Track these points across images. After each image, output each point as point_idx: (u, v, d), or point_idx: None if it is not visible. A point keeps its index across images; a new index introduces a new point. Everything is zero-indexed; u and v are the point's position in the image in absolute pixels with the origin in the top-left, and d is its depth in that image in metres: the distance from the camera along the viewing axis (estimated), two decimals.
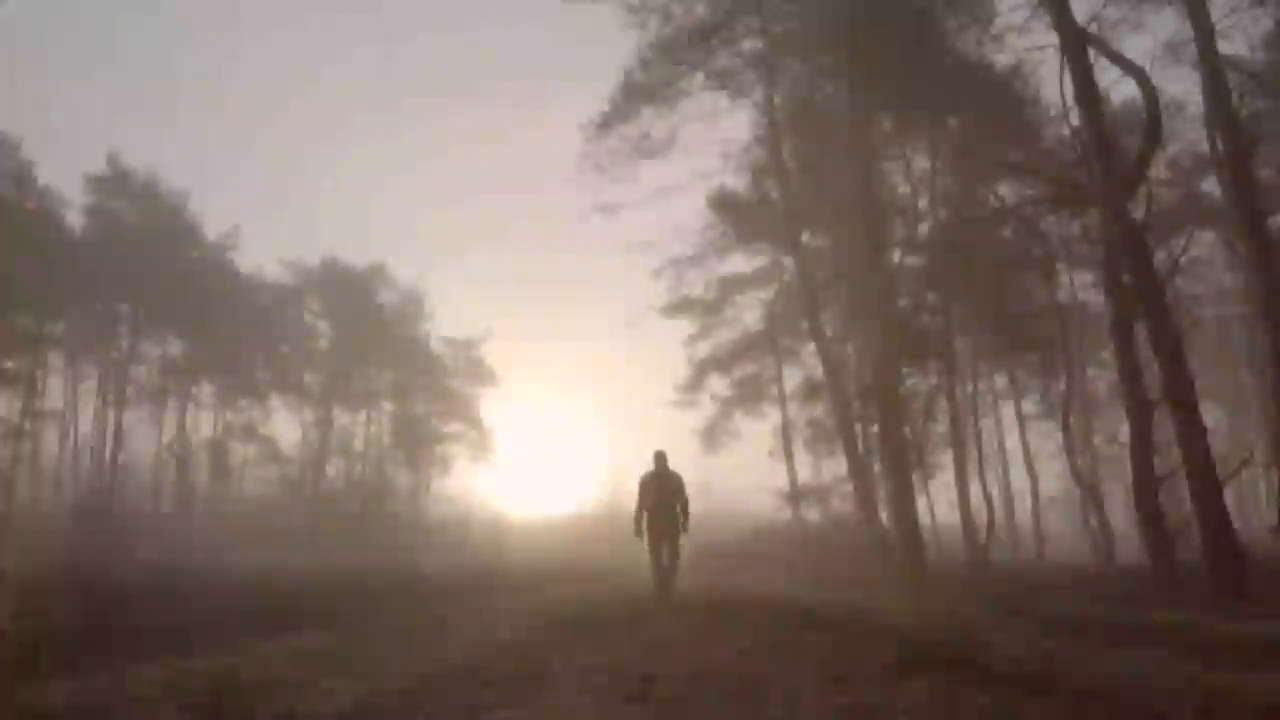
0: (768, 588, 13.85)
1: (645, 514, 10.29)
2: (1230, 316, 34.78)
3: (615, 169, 19.93)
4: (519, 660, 5.04)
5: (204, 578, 13.36)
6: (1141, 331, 11.92)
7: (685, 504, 10.33)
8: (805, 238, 20.60)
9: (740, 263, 27.44)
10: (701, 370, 27.40)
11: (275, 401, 39.51)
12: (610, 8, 19.36)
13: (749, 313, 28.16)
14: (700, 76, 19.79)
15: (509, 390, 48.54)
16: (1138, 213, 11.02)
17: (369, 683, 4.25)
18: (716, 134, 23.88)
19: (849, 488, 19.87)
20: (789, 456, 25.86)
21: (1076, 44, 10.72)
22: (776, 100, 19.52)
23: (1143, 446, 10.88)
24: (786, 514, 24.43)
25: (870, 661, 4.60)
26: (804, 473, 24.26)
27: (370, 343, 41.52)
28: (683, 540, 10.28)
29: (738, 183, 22.32)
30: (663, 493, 10.28)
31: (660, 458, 10.59)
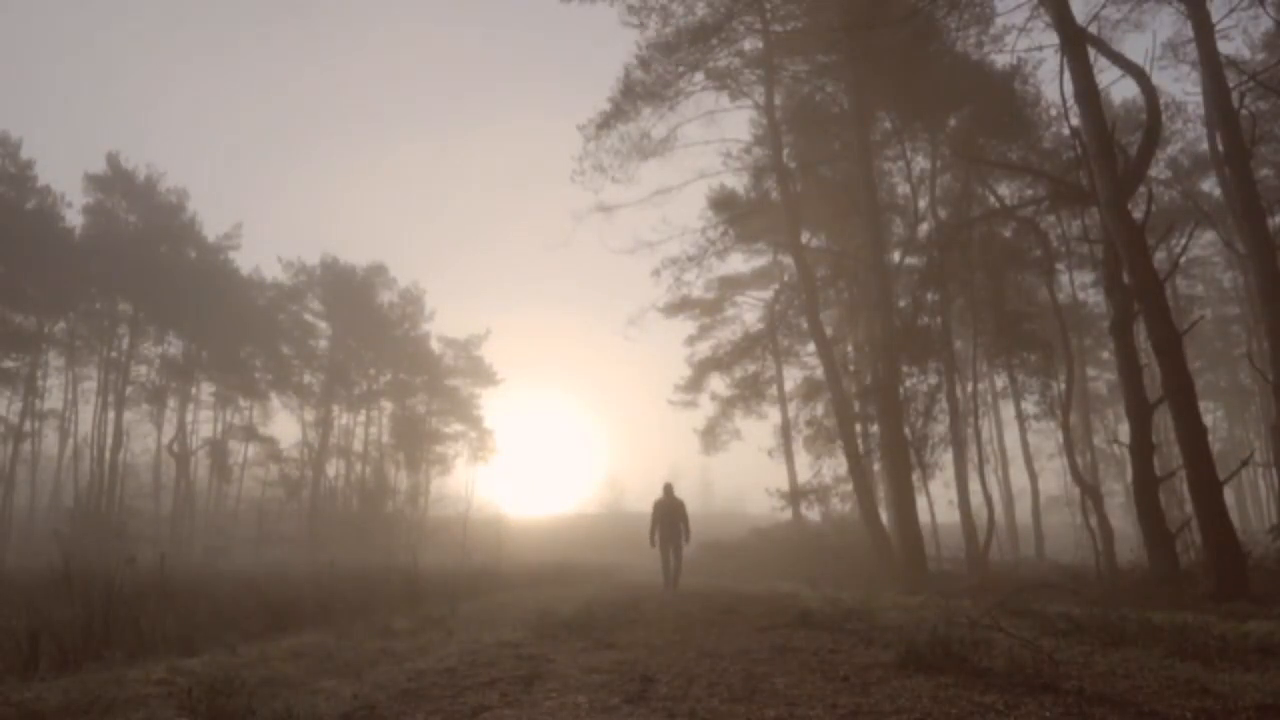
0: (768, 588, 13.87)
1: (657, 529, 13.90)
2: (1230, 316, 34.89)
3: (615, 169, 19.95)
4: (519, 660, 5.04)
5: (204, 578, 13.38)
6: (1141, 331, 11.92)
7: (687, 523, 14.03)
8: (805, 238, 20.59)
9: (740, 263, 27.55)
10: (701, 370, 27.43)
11: (275, 401, 39.57)
12: (610, 7, 19.37)
13: (749, 313, 28.24)
14: (700, 76, 19.82)
15: (509, 390, 48.63)
16: (1138, 213, 11.01)
17: (368, 682, 4.25)
18: (716, 134, 23.85)
19: (849, 488, 19.86)
20: (789, 456, 25.90)
21: (1076, 44, 10.70)
22: (776, 100, 19.51)
23: (1143, 446, 10.87)
24: (786, 514, 24.42)
25: (870, 661, 4.61)
26: (804, 473, 24.26)
27: (370, 343, 41.53)
28: (685, 548, 14.01)
29: (738, 183, 22.36)
30: (670, 513, 13.96)
31: (668, 488, 14.26)
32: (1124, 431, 13.59)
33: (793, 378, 26.67)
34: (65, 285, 31.76)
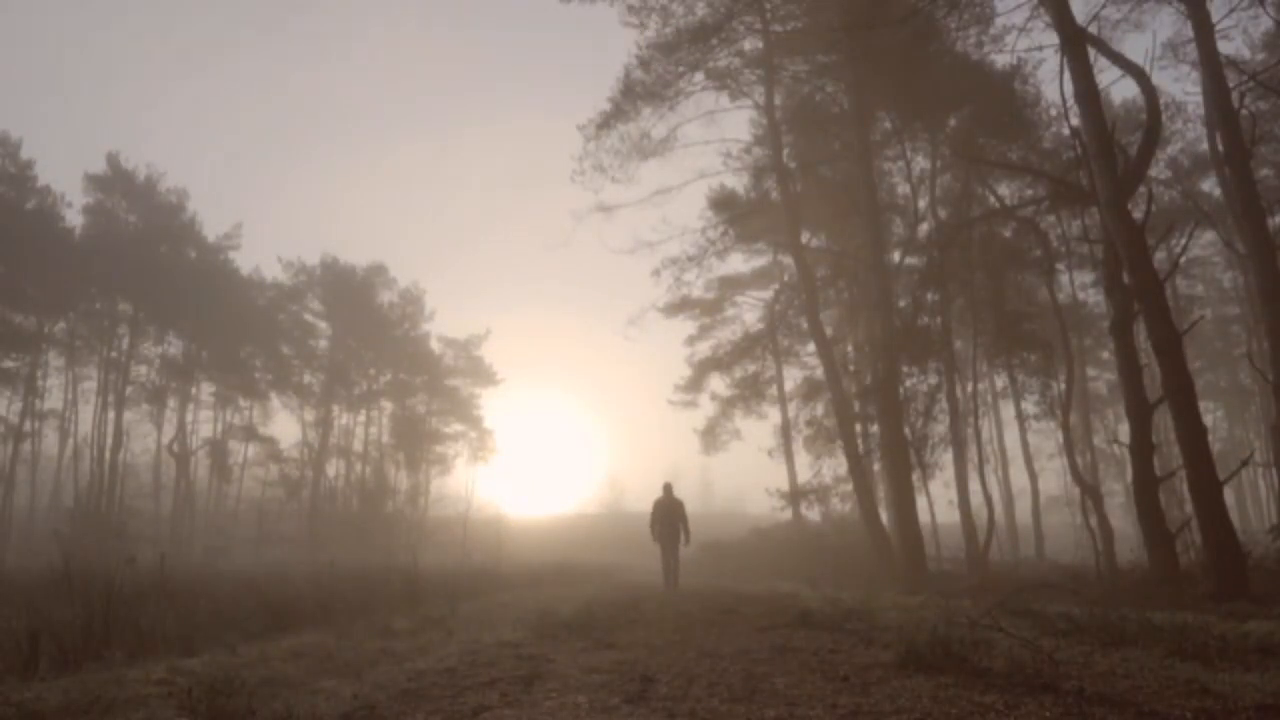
0: (768, 588, 13.87)
1: (657, 527, 14.35)
2: (1230, 316, 34.90)
3: (615, 169, 19.95)
4: (519, 660, 5.04)
5: (204, 578, 13.37)
6: (1141, 331, 11.92)
7: (686, 522, 14.37)
8: (805, 238, 20.59)
9: (740, 263, 27.56)
10: (701, 370, 27.42)
11: (275, 401, 39.55)
12: (610, 7, 19.38)
13: (749, 313, 28.25)
14: (700, 76, 19.82)
15: (509, 390, 48.60)
16: (1138, 213, 11.01)
17: (368, 682, 4.25)
18: (716, 134, 23.87)
19: (849, 488, 19.85)
20: (789, 456, 25.88)
21: (1076, 44, 10.70)
22: (776, 100, 19.51)
23: (1143, 446, 10.87)
24: (786, 514, 24.40)
25: (870, 661, 4.61)
26: (804, 473, 24.26)
27: (370, 343, 41.51)
28: (683, 549, 14.39)
29: (738, 183, 22.36)
30: (669, 513, 14.35)
31: (667, 488, 14.66)
32: (1124, 431, 13.59)
33: (793, 378, 26.70)
34: (65, 285, 31.74)
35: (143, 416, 36.17)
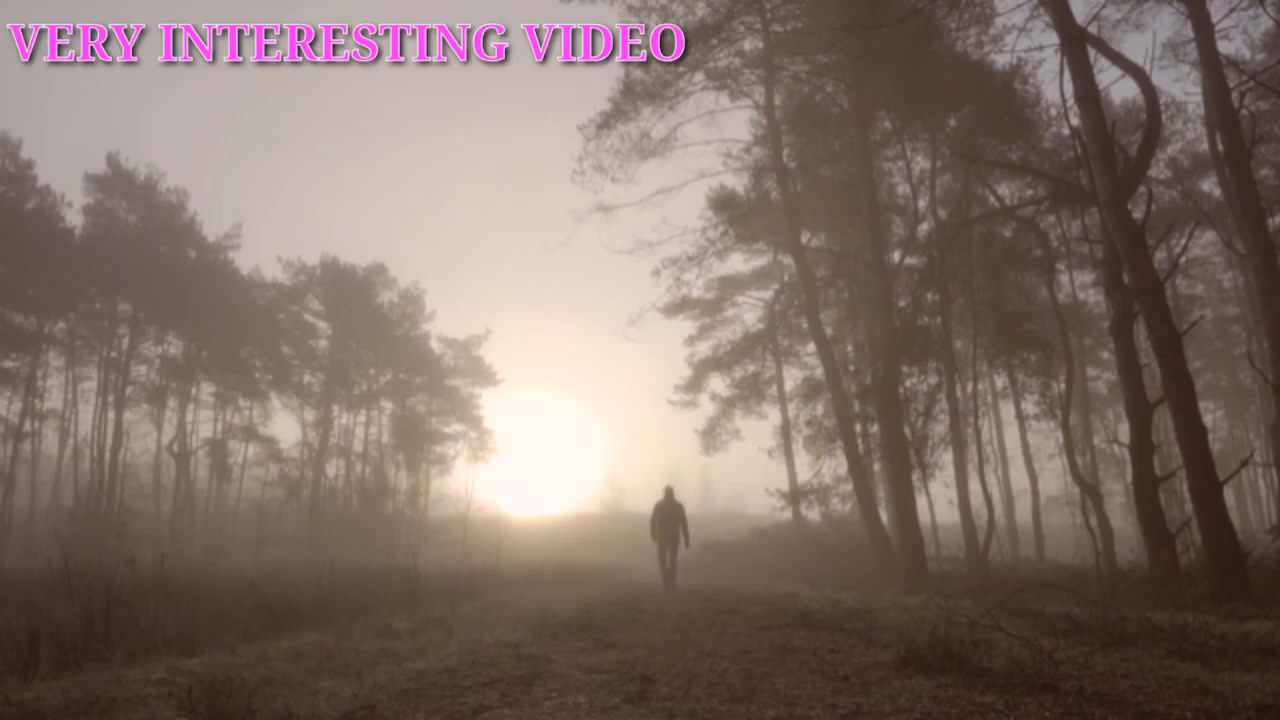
0: (768, 588, 13.88)
1: (657, 529, 14.63)
2: (1230, 316, 34.92)
3: (615, 169, 19.96)
4: (519, 660, 5.04)
5: (204, 578, 13.37)
6: (1141, 331, 11.92)
7: (685, 525, 14.64)
8: (805, 238, 20.59)
9: (740, 263, 27.58)
10: (701, 370, 27.43)
11: (275, 401, 39.55)
12: (610, 7, 19.40)
13: (749, 313, 28.27)
14: (700, 76, 19.84)
15: (509, 390, 48.59)
16: (1138, 213, 11.01)
17: (368, 682, 4.25)
18: (716, 134, 23.89)
19: (849, 488, 19.84)
20: (789, 456, 25.87)
21: (1076, 44, 10.70)
22: (776, 100, 19.51)
23: (1143, 446, 10.86)
24: (786, 514, 24.39)
25: (870, 661, 4.61)
26: (804, 473, 24.24)
27: (370, 343, 41.51)
28: (682, 550, 14.66)
29: (738, 183, 22.37)
30: (669, 515, 14.63)
31: (668, 491, 14.95)
32: (1124, 431, 13.60)
33: (793, 378, 26.70)
34: (65, 285, 31.75)
35: (143, 416, 36.22)
